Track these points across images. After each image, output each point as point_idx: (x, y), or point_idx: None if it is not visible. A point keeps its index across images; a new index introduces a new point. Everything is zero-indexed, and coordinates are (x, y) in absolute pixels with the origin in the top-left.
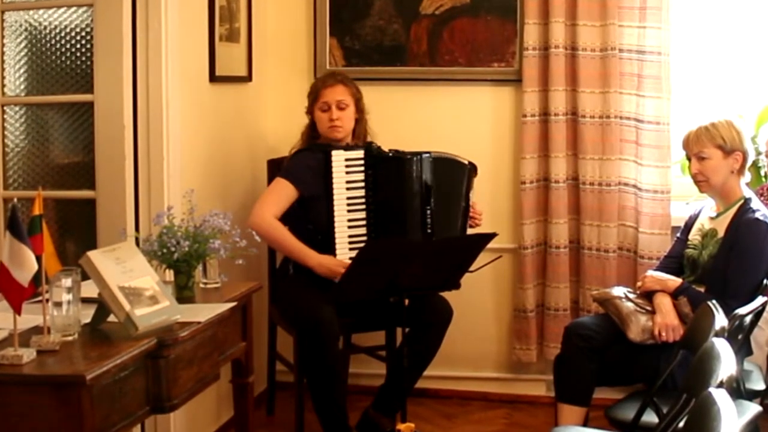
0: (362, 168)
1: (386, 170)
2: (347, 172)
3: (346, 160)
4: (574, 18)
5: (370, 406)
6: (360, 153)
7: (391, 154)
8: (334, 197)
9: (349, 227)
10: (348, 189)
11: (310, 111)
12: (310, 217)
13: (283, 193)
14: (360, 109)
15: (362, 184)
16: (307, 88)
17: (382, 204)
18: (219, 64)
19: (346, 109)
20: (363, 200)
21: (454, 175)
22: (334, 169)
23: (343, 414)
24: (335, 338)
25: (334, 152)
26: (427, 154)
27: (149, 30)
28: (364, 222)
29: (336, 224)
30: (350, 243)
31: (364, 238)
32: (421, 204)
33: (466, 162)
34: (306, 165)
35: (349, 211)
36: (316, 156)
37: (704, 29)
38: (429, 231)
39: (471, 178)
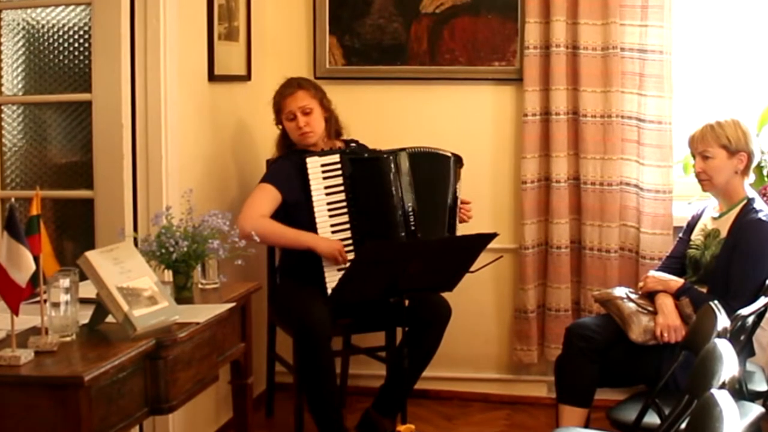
0: (339, 172)
1: (363, 171)
2: (324, 178)
3: (322, 165)
4: (576, 16)
5: (371, 407)
6: (335, 157)
7: (366, 155)
8: (315, 204)
9: (333, 232)
10: (327, 194)
11: (278, 122)
12: (297, 223)
13: (268, 195)
14: (326, 108)
15: (341, 188)
16: None
17: (364, 205)
18: (218, 63)
19: (312, 112)
20: (344, 204)
21: (435, 168)
22: (311, 176)
23: (338, 415)
24: (327, 338)
25: (309, 159)
26: (403, 150)
27: (147, 29)
28: (347, 225)
29: (319, 230)
30: None
31: (350, 242)
32: (402, 201)
33: (449, 154)
34: (286, 171)
35: (330, 216)
36: (293, 163)
37: (706, 28)
38: (413, 228)
39: (456, 170)
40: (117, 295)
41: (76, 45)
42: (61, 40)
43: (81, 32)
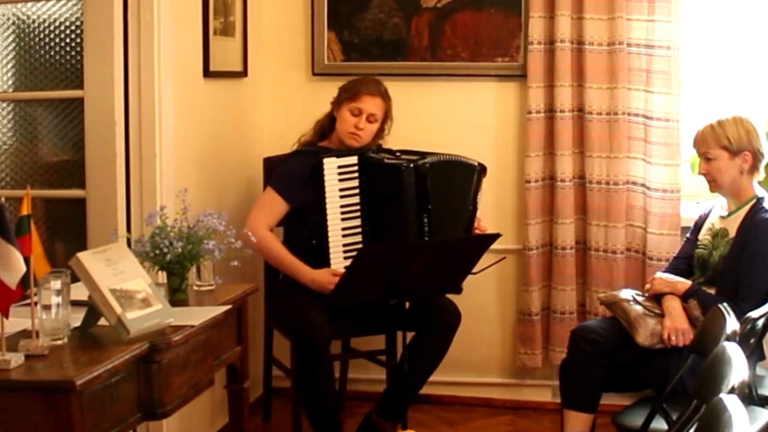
0: (356, 174)
1: (381, 177)
2: (340, 180)
3: (339, 167)
4: (581, 11)
5: (373, 411)
6: (353, 159)
7: (385, 160)
8: (327, 205)
9: (344, 236)
10: (342, 197)
11: (337, 104)
12: (306, 224)
13: (275, 205)
14: (384, 127)
15: (356, 191)
16: (305, 84)
17: (378, 211)
18: (213, 58)
19: (374, 123)
20: (358, 208)
21: (457, 178)
22: (326, 177)
23: (337, 420)
24: (326, 343)
25: (326, 160)
26: (425, 160)
27: (141, 24)
28: (359, 230)
29: (330, 233)
30: (345, 252)
31: (360, 246)
32: (418, 212)
33: (474, 163)
34: (297, 173)
35: (343, 219)
36: (309, 161)
37: (715, 22)
38: (426, 239)
39: (479, 180)
40: (110, 297)
41: (68, 40)
42: (52, 36)
43: (73, 27)
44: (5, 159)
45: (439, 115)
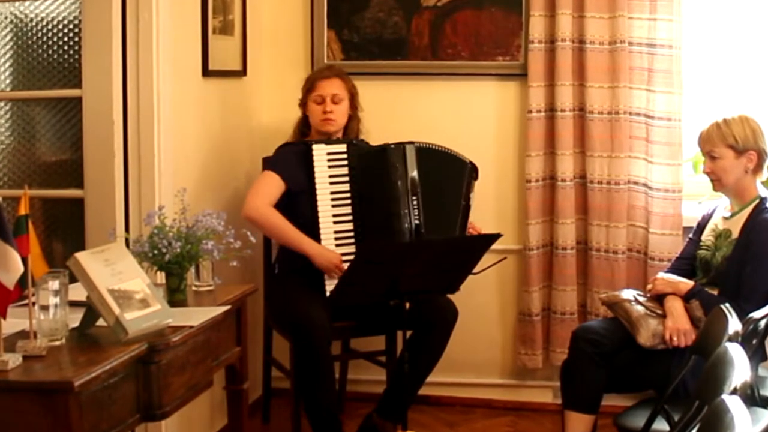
0: (345, 161)
1: (370, 162)
2: (330, 166)
3: (328, 153)
4: (582, 9)
5: (373, 411)
6: (342, 147)
7: (375, 147)
8: (318, 192)
9: (335, 222)
10: (331, 183)
11: (303, 103)
12: (298, 212)
13: (273, 184)
14: (354, 106)
15: (346, 178)
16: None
17: (367, 197)
18: (212, 57)
19: (341, 103)
20: (348, 194)
21: (446, 168)
22: (315, 164)
23: (337, 421)
24: (327, 343)
25: (315, 146)
26: (411, 143)
27: (140, 22)
28: (350, 217)
29: (321, 220)
30: (336, 239)
31: (351, 234)
32: (407, 194)
33: (465, 159)
34: (291, 159)
35: (333, 206)
36: (299, 149)
37: (717, 21)
38: (417, 223)
39: (470, 177)
40: (108, 297)
41: (66, 39)
42: (50, 34)
43: (71, 26)
44: (3, 158)
45: (439, 114)
